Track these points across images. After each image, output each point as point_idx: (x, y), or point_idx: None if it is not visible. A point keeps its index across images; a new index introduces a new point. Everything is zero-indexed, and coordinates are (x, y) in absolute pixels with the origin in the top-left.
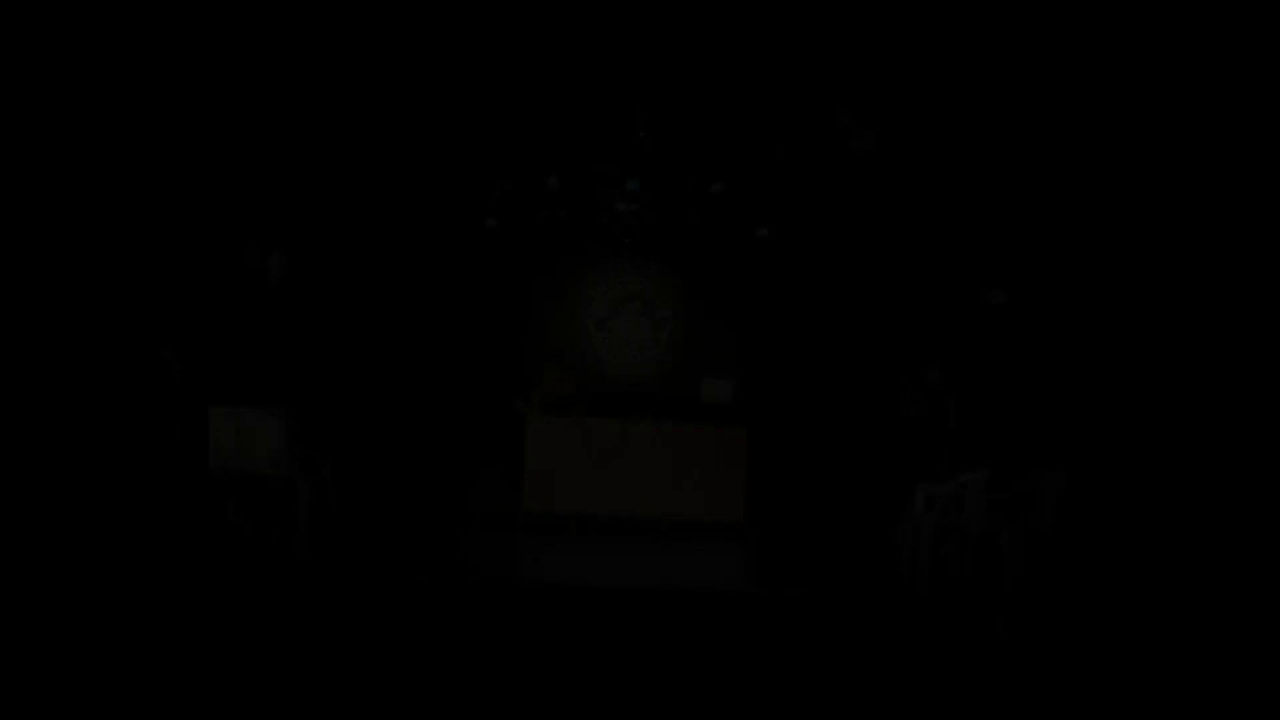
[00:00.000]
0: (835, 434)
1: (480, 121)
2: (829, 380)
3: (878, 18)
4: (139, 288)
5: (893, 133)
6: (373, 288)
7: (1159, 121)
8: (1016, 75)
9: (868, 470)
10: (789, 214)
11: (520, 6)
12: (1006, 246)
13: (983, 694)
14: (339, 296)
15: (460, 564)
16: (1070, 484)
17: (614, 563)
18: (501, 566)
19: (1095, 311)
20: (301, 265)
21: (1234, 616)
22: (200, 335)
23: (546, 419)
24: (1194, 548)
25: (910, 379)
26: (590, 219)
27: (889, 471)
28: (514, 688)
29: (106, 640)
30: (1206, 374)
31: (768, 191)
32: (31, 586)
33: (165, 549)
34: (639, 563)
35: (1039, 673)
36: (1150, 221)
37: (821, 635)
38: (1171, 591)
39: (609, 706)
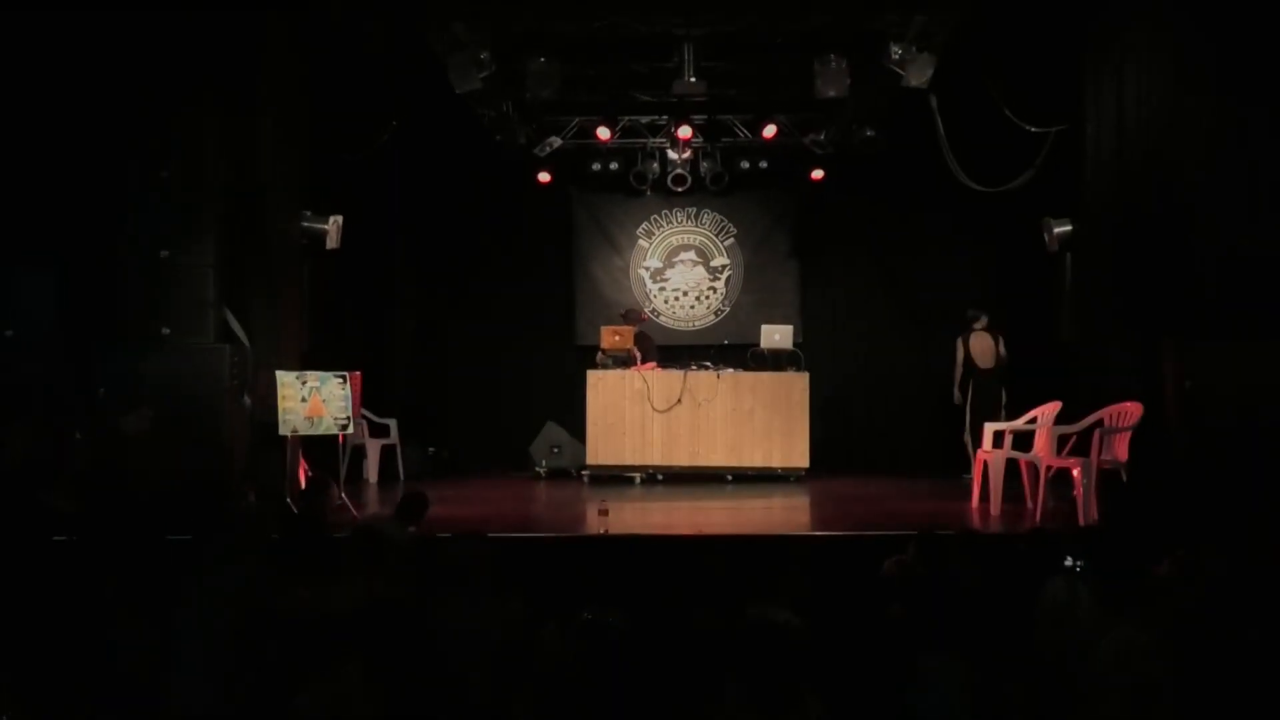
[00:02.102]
0: (897, 377)
1: (525, 73)
2: (890, 323)
3: None
4: (200, 255)
5: (947, 67)
6: (429, 249)
7: None
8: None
9: (931, 412)
10: (843, 156)
11: None
12: (1065, 178)
13: (1057, 623)
14: (396, 259)
15: (527, 521)
16: (1145, 418)
17: (680, 512)
18: (568, 520)
19: (1170, 236)
20: (358, 228)
21: None
22: (261, 300)
23: (607, 373)
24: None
25: (976, 319)
26: (642, 170)
27: (953, 413)
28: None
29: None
30: None
31: (821, 134)
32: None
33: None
34: (706, 512)
35: (1109, 604)
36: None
37: (905, 571)
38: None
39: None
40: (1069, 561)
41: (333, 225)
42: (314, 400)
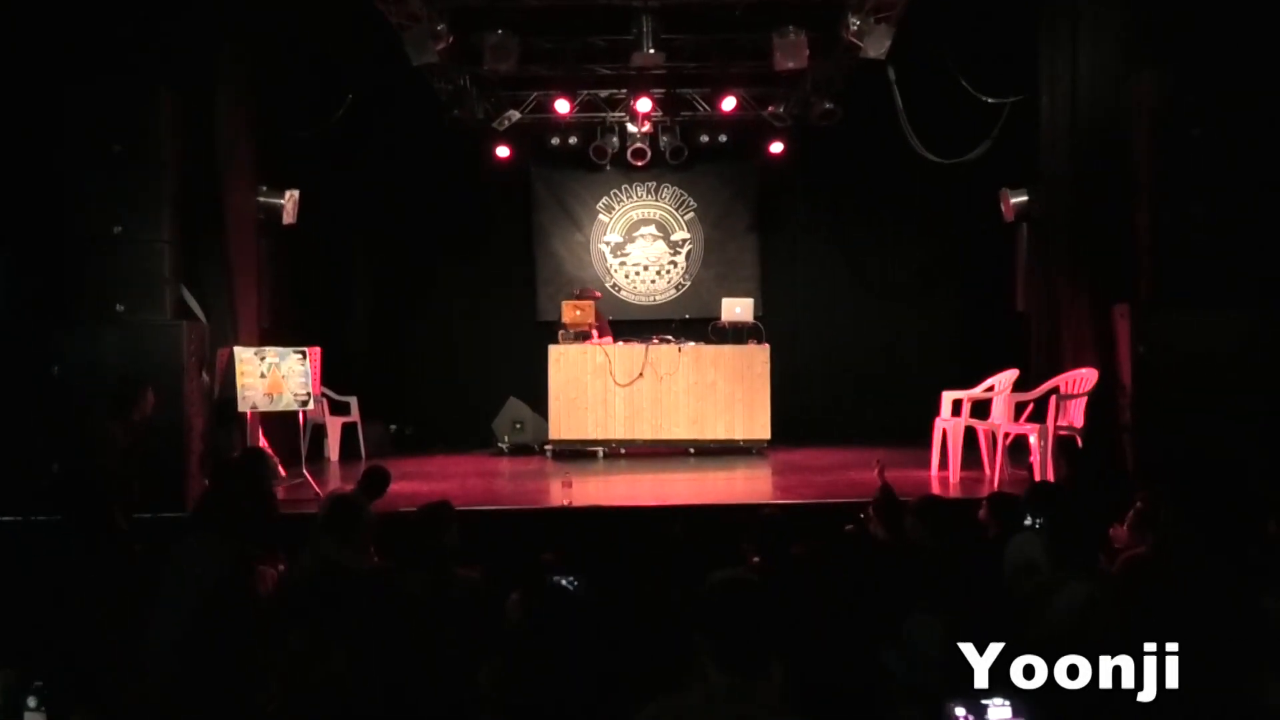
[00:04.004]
0: (857, 347)
1: (482, 46)
2: (850, 295)
3: None
4: (154, 230)
5: (904, 39)
6: (388, 225)
7: None
8: None
9: (891, 382)
10: (803, 129)
11: None
12: (1021, 149)
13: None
14: (355, 235)
15: (490, 495)
16: (1100, 384)
17: (643, 485)
18: (532, 494)
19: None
20: (315, 203)
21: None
22: (218, 276)
23: (569, 348)
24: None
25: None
26: (601, 144)
27: (912, 383)
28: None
29: None
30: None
31: (781, 107)
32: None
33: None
34: (669, 484)
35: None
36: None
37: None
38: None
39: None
40: (1029, 520)
41: (289, 200)
42: (273, 376)
